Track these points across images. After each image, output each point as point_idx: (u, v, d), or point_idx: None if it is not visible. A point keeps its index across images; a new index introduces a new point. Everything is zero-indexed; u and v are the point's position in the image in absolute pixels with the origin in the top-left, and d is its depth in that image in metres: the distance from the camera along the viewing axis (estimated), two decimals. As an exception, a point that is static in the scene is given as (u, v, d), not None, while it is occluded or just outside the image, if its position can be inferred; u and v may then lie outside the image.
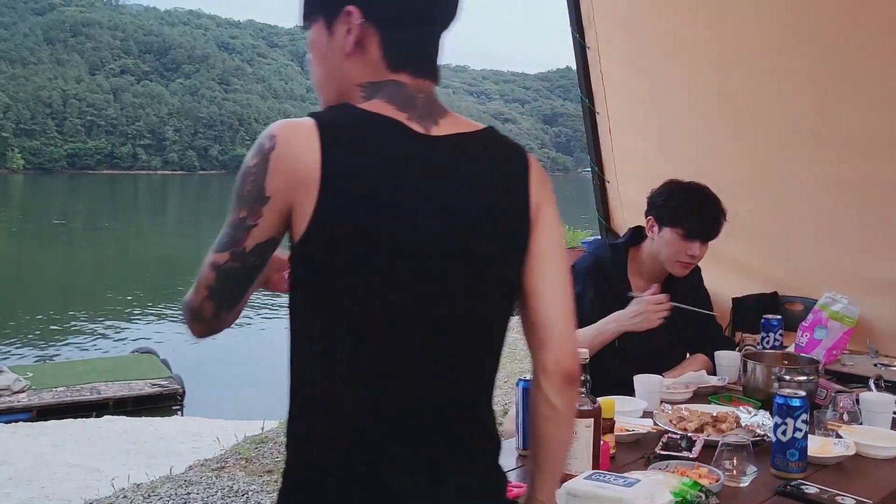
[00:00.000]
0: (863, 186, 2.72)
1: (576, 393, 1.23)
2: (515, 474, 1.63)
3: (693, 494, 1.40)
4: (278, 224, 1.07)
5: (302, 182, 1.05)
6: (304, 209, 1.05)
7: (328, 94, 1.21)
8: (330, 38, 1.16)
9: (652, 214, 2.42)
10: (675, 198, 2.38)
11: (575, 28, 3.38)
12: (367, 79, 1.16)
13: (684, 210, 2.34)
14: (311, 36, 1.19)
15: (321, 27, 1.17)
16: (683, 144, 3.21)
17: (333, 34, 1.16)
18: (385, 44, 1.15)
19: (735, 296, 2.97)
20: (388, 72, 1.16)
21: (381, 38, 1.15)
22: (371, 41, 1.15)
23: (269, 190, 1.06)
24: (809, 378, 2.05)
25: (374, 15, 1.14)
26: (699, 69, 3.09)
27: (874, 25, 2.57)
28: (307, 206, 1.05)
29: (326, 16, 1.16)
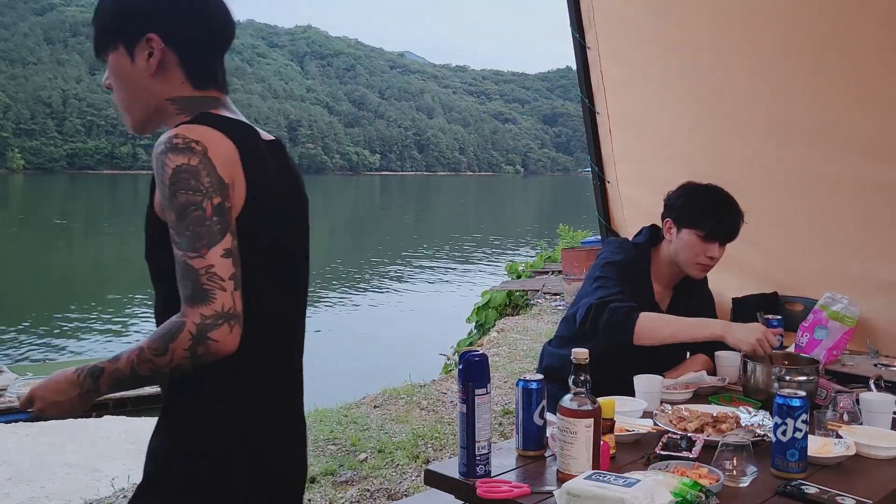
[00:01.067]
0: (863, 186, 2.72)
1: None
2: (515, 474, 1.63)
3: (693, 494, 1.40)
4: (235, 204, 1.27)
5: (234, 173, 1.27)
6: (238, 193, 1.27)
7: (136, 111, 1.39)
8: (132, 63, 1.34)
9: (670, 217, 2.42)
10: (694, 199, 2.38)
11: (575, 28, 3.38)
12: (174, 94, 1.36)
13: (704, 212, 2.35)
14: (112, 63, 1.36)
15: (122, 54, 1.35)
16: (683, 144, 3.20)
17: (135, 59, 1.34)
18: (186, 64, 1.35)
19: (735, 296, 2.97)
20: (194, 89, 1.37)
21: (180, 59, 1.35)
22: (172, 62, 1.35)
23: (225, 178, 1.25)
24: (809, 378, 2.05)
25: (172, 39, 1.34)
26: (699, 69, 3.09)
27: (875, 25, 2.57)
28: (240, 192, 1.28)
29: (126, 43, 1.34)
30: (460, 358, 1.59)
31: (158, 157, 1.23)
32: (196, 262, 1.19)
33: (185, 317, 1.19)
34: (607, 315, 2.23)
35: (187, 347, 1.18)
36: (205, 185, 1.21)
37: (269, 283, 1.35)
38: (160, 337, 1.20)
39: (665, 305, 2.47)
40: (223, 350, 1.20)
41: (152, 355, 1.20)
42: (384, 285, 17.42)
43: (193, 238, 1.20)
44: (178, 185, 1.20)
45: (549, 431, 1.69)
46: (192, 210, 1.20)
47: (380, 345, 11.06)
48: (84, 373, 1.25)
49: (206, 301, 1.18)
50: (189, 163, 1.21)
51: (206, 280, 1.19)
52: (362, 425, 4.69)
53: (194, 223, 1.20)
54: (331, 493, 3.70)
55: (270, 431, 1.38)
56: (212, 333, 1.18)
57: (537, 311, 9.11)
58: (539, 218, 40.29)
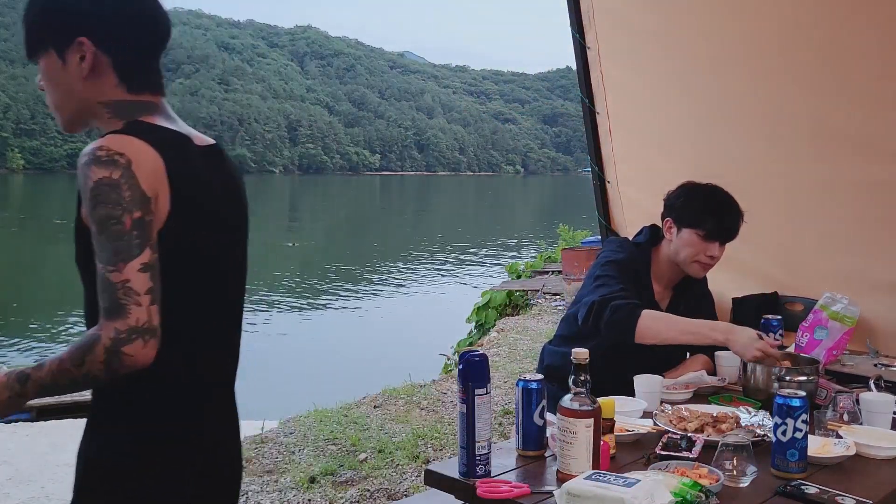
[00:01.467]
0: (863, 186, 2.72)
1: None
2: (515, 474, 1.63)
3: (693, 495, 1.40)
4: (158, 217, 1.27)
5: (159, 185, 1.26)
6: (162, 205, 1.27)
7: (67, 113, 1.39)
8: (63, 66, 1.34)
9: (670, 216, 2.42)
10: (694, 199, 2.39)
11: (575, 28, 3.38)
12: (107, 98, 1.36)
13: (704, 211, 2.35)
14: (43, 66, 1.36)
15: (52, 57, 1.35)
16: (683, 144, 3.20)
17: (66, 62, 1.34)
18: (119, 67, 1.35)
19: (735, 296, 2.97)
20: (127, 93, 1.36)
21: (113, 62, 1.35)
22: (104, 66, 1.34)
23: (148, 192, 1.24)
24: (809, 378, 2.05)
25: (104, 42, 1.33)
26: (700, 69, 3.09)
27: (876, 24, 2.57)
28: (164, 203, 1.27)
29: (57, 47, 1.34)
30: (460, 358, 1.59)
31: (82, 168, 1.24)
32: (113, 276, 1.20)
33: (100, 330, 1.20)
34: (609, 312, 2.23)
35: (102, 360, 1.20)
36: (125, 199, 1.22)
37: (200, 290, 1.36)
38: (77, 349, 1.21)
39: (665, 305, 2.47)
40: (137, 364, 1.21)
41: (70, 366, 1.21)
42: (384, 285, 17.41)
43: (112, 252, 1.21)
44: (99, 198, 1.21)
45: (549, 431, 1.69)
46: (112, 224, 1.21)
47: (380, 345, 11.06)
48: (12, 377, 1.26)
49: (121, 315, 1.19)
50: (111, 176, 1.22)
51: (121, 294, 1.20)
52: (362, 425, 4.69)
53: (113, 237, 1.21)
54: (331, 494, 3.70)
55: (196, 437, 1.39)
56: (125, 348, 1.19)
57: (537, 311, 9.11)
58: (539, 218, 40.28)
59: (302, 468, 4.00)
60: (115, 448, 1.33)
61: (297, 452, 4.23)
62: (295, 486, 3.77)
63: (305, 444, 4.35)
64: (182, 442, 1.36)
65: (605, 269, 2.37)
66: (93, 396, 1.37)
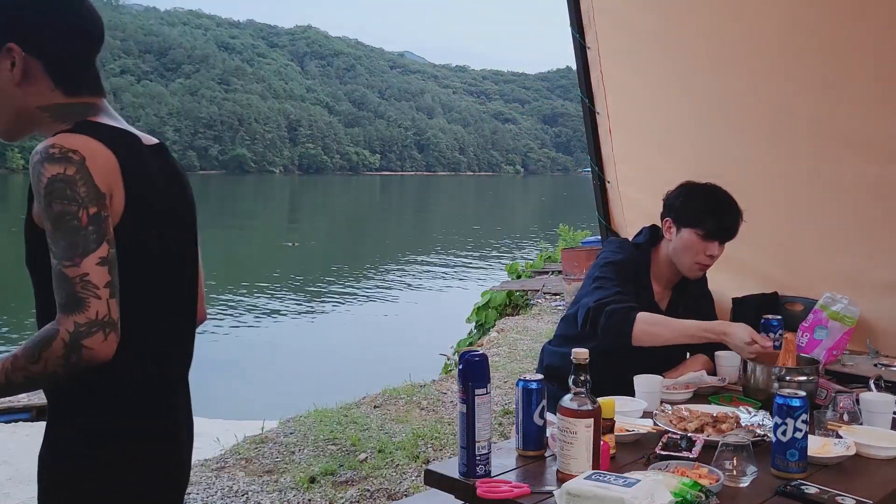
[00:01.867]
0: (863, 186, 2.72)
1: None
2: (515, 474, 1.63)
3: (693, 494, 1.40)
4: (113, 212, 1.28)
5: (113, 183, 1.27)
6: (117, 203, 1.28)
7: (4, 121, 1.37)
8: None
9: (670, 216, 2.42)
10: (694, 199, 2.39)
11: (575, 28, 3.38)
12: (44, 102, 1.34)
13: (704, 211, 2.35)
14: None
15: None
16: (684, 145, 3.20)
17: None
18: (53, 71, 1.34)
19: (735, 296, 2.97)
20: (65, 96, 1.35)
21: (45, 66, 1.33)
22: (37, 70, 1.33)
23: (102, 188, 1.25)
24: (809, 378, 2.05)
25: (33, 47, 1.32)
26: (700, 69, 3.09)
27: (877, 24, 2.57)
28: (119, 201, 1.29)
29: None
30: (460, 358, 1.59)
31: (35, 166, 1.24)
32: (70, 270, 1.20)
33: (59, 325, 1.20)
34: (605, 318, 2.23)
35: (61, 355, 1.19)
36: (81, 195, 1.22)
37: (155, 287, 1.38)
38: (33, 345, 1.20)
39: (664, 305, 2.48)
40: (97, 357, 1.20)
41: (25, 363, 1.21)
42: (384, 285, 17.41)
43: (68, 247, 1.21)
44: (54, 194, 1.22)
45: (549, 431, 1.69)
46: (68, 220, 1.21)
47: (380, 345, 11.06)
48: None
49: (81, 309, 1.19)
50: (65, 172, 1.22)
51: (80, 288, 1.20)
52: (362, 425, 4.69)
53: (69, 233, 1.21)
54: (331, 493, 3.70)
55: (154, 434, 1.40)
56: (86, 341, 1.19)
57: (537, 311, 9.11)
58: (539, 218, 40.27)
59: (302, 468, 4.00)
60: (72, 450, 1.32)
61: (297, 452, 4.23)
62: (295, 486, 3.77)
63: (305, 444, 4.35)
64: (141, 439, 1.36)
65: (603, 270, 2.38)
66: (49, 399, 1.35)
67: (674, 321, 2.29)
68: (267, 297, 15.13)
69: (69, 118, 1.33)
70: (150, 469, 1.37)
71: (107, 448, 1.32)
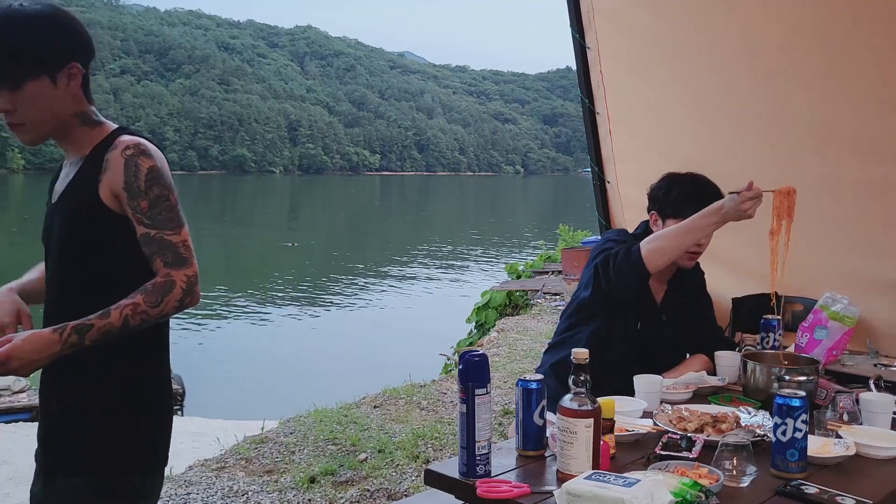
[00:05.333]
0: (864, 186, 2.72)
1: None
2: (515, 474, 1.63)
3: (693, 494, 1.40)
4: None
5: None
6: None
7: (46, 129, 1.58)
8: (55, 88, 1.54)
9: (654, 209, 2.43)
10: (674, 189, 2.39)
11: (575, 28, 3.38)
12: (79, 109, 1.60)
13: (685, 200, 2.34)
14: (32, 90, 1.52)
15: (44, 82, 1.53)
16: (683, 145, 3.20)
17: (57, 85, 1.55)
18: (86, 83, 1.61)
19: (735, 296, 2.97)
20: (88, 103, 1.62)
21: (84, 79, 1.60)
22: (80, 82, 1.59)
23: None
24: (809, 378, 2.05)
25: (85, 64, 1.60)
26: (700, 69, 3.09)
27: (877, 24, 2.57)
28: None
29: (51, 71, 1.54)
30: (460, 358, 1.59)
31: (130, 158, 1.54)
32: (173, 237, 1.55)
33: (170, 277, 1.52)
34: (612, 262, 2.22)
35: (178, 299, 1.52)
36: (169, 182, 1.58)
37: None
38: (155, 292, 1.51)
39: (660, 298, 2.47)
40: (196, 301, 1.55)
41: (147, 307, 1.50)
42: (384, 285, 17.41)
43: (168, 221, 1.55)
44: (153, 180, 1.55)
45: (549, 431, 1.69)
46: (164, 201, 1.56)
47: (380, 345, 11.06)
48: (67, 330, 1.46)
49: (188, 265, 1.55)
50: (155, 165, 1.56)
51: (184, 250, 1.55)
52: (362, 425, 4.69)
53: (168, 210, 1.56)
54: (331, 493, 3.70)
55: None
56: (195, 288, 1.55)
57: (537, 311, 9.11)
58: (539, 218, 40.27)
59: (302, 468, 4.00)
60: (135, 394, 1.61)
61: (297, 452, 4.23)
62: (295, 486, 3.77)
63: (305, 444, 4.35)
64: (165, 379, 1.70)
65: (605, 245, 2.37)
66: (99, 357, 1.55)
67: (672, 228, 2.25)
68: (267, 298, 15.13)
69: (89, 122, 1.61)
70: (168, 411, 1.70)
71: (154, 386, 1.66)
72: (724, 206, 2.14)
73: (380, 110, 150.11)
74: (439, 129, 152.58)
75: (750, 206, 2.13)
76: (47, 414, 1.64)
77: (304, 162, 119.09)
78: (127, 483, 1.59)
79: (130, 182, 1.53)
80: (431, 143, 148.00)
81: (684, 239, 2.21)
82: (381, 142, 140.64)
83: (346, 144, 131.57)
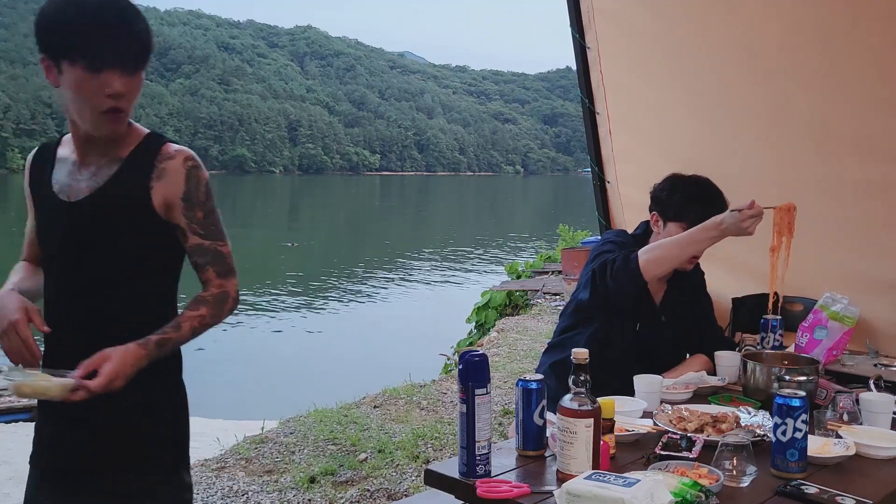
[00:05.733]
0: (864, 186, 2.72)
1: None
2: (515, 474, 1.63)
3: (693, 494, 1.40)
4: None
5: None
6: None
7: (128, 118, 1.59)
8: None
9: (656, 210, 2.43)
10: (677, 191, 2.38)
11: (575, 28, 3.38)
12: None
13: (687, 203, 2.34)
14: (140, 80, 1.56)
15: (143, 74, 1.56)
16: (684, 145, 3.20)
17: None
18: None
19: (735, 296, 2.97)
20: None
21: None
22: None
23: None
24: (809, 378, 2.05)
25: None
26: (699, 70, 3.09)
27: (877, 24, 2.57)
28: None
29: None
30: (460, 358, 1.58)
31: (192, 170, 1.59)
32: (224, 248, 1.62)
33: (224, 287, 1.60)
34: (609, 269, 2.24)
35: (230, 308, 1.62)
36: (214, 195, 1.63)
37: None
38: (216, 304, 1.59)
39: (659, 298, 2.47)
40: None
41: (210, 319, 1.58)
42: (384, 285, 17.41)
43: (219, 232, 1.62)
44: (210, 193, 1.61)
45: (550, 431, 1.69)
46: (215, 213, 1.62)
47: (380, 345, 11.06)
48: (151, 344, 1.51)
49: (235, 275, 1.63)
50: (207, 177, 1.62)
51: (231, 262, 1.63)
52: (362, 425, 4.69)
53: (217, 221, 1.62)
54: (331, 494, 3.70)
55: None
56: (238, 297, 1.64)
57: (537, 311, 9.11)
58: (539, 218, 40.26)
59: (302, 468, 4.00)
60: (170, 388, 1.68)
61: (297, 452, 4.23)
62: (295, 486, 3.77)
63: (305, 444, 4.35)
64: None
65: (604, 246, 2.38)
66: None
67: (671, 238, 2.26)
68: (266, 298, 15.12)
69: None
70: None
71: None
72: (725, 222, 2.15)
73: (380, 110, 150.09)
74: (439, 129, 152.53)
75: (750, 223, 2.14)
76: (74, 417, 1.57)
77: (304, 162, 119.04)
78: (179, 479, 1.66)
79: (191, 193, 1.57)
80: (431, 143, 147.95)
81: (682, 251, 2.23)
82: (381, 142, 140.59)
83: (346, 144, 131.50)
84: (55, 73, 1.48)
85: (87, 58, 1.45)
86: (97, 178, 1.57)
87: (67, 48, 1.45)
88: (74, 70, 1.45)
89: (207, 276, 1.60)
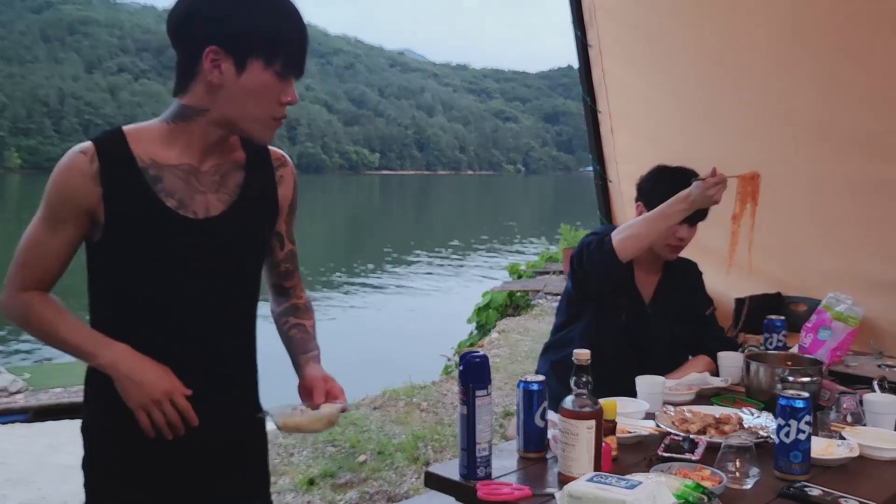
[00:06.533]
0: (867, 186, 2.71)
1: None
2: (516, 476, 1.61)
3: (695, 496, 1.39)
4: None
5: None
6: None
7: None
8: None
9: (641, 200, 2.44)
10: (661, 182, 2.38)
11: (576, 26, 3.37)
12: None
13: (672, 193, 2.32)
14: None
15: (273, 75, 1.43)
16: (685, 143, 3.19)
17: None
18: None
19: (738, 296, 2.96)
20: None
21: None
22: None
23: None
24: (813, 379, 2.04)
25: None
26: (701, 67, 3.08)
27: (878, 23, 2.56)
28: None
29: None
30: (461, 359, 1.57)
31: (293, 173, 1.63)
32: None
33: (305, 295, 1.71)
34: (585, 253, 2.27)
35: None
36: None
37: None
38: (311, 317, 1.71)
39: (647, 294, 2.46)
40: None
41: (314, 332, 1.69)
42: (384, 285, 17.41)
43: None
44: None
45: (551, 433, 1.68)
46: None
47: (380, 346, 11.05)
48: (318, 361, 1.62)
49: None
50: None
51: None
52: (362, 427, 4.67)
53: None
54: (330, 496, 3.69)
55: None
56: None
57: (538, 311, 9.10)
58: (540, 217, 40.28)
59: (301, 470, 3.99)
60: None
61: (295, 454, 4.22)
62: (294, 488, 3.76)
63: (304, 445, 4.34)
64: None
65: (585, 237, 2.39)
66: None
67: (642, 217, 2.29)
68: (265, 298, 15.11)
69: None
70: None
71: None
72: (692, 194, 2.18)
73: (379, 108, 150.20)
74: (439, 127, 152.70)
75: (715, 191, 2.16)
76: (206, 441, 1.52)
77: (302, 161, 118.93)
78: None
79: (296, 200, 1.61)
80: (432, 141, 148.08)
81: (654, 226, 2.23)
82: (381, 140, 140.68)
83: (346, 143, 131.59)
84: (230, 69, 1.37)
85: (284, 64, 1.40)
86: (225, 188, 1.48)
87: (268, 50, 1.37)
88: (265, 72, 1.38)
89: (294, 283, 1.65)
